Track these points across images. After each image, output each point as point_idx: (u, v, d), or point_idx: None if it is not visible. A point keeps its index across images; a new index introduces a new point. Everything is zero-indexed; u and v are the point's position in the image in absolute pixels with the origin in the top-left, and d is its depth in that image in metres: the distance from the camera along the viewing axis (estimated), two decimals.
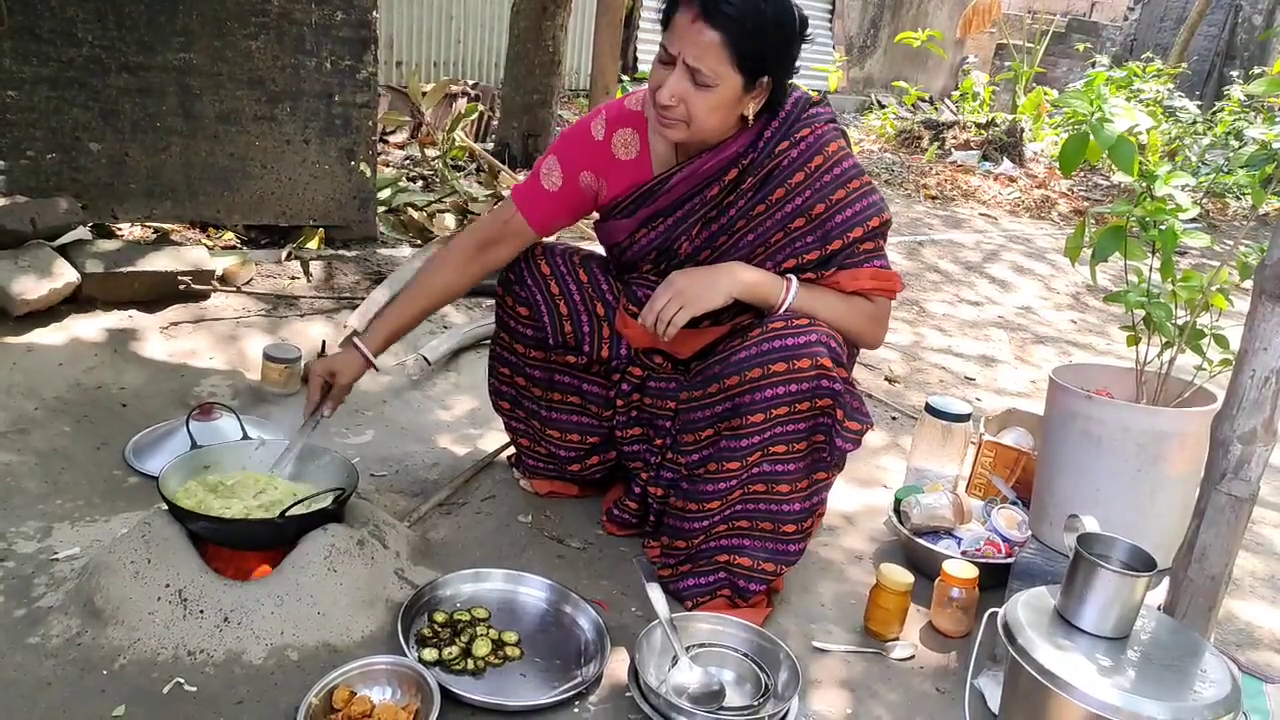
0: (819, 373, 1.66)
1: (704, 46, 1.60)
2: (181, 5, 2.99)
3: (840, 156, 1.79)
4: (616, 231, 1.94)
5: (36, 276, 2.57)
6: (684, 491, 1.81)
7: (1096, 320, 4.56)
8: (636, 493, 1.99)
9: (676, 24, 1.64)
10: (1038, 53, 9.90)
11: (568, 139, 1.92)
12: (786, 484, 1.73)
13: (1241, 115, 8.21)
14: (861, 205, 1.77)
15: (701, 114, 1.68)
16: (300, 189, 3.37)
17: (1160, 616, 1.50)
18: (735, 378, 1.69)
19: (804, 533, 1.79)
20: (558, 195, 1.90)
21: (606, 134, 1.88)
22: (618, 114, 1.88)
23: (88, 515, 1.88)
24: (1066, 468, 1.86)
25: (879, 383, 3.25)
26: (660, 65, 1.68)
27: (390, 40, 7.17)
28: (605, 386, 2.00)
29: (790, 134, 1.78)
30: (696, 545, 1.81)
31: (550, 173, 1.89)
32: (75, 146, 2.98)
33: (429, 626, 1.64)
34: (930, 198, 6.99)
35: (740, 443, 1.71)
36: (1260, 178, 2.25)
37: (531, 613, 1.75)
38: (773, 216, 1.79)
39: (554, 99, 5.28)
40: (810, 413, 1.69)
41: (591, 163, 1.88)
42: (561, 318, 1.94)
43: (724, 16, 1.59)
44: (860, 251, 1.78)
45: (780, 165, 1.77)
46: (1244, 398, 1.43)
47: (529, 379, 2.03)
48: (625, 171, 1.88)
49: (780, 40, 1.66)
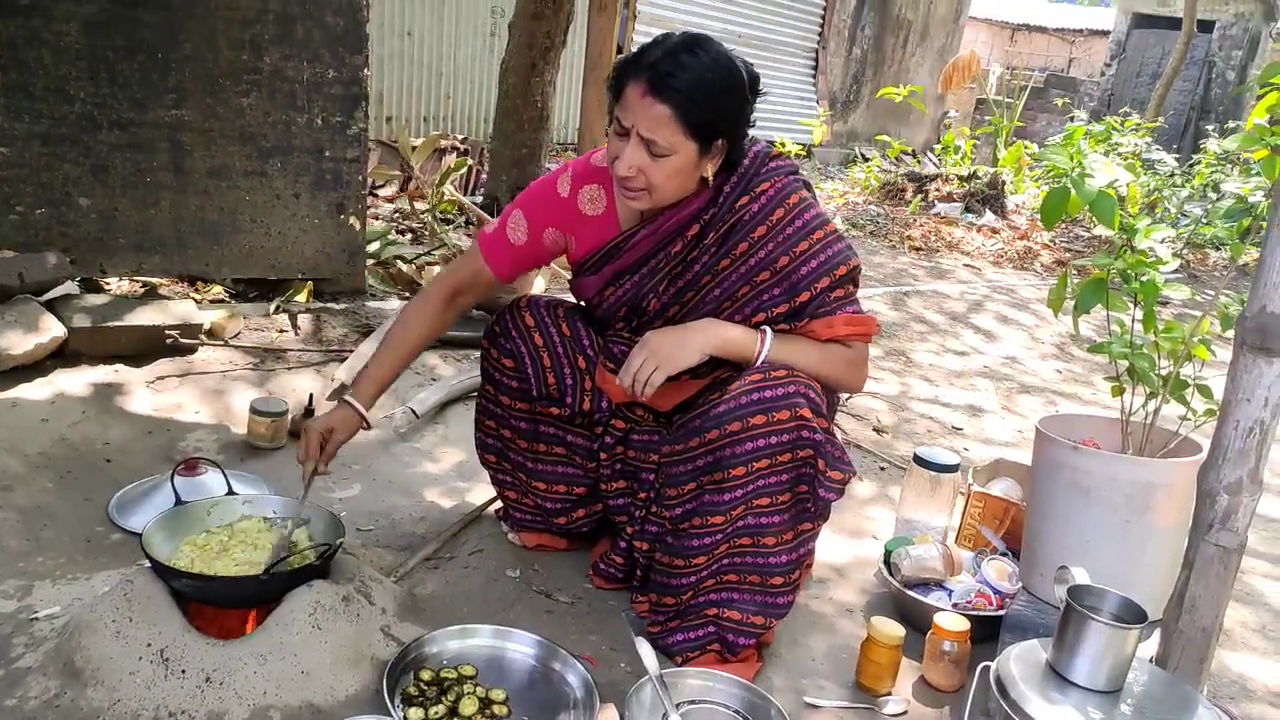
0: (798, 424, 1.67)
1: (656, 119, 1.64)
2: (175, 63, 3.03)
3: (802, 208, 1.80)
4: (586, 288, 1.96)
5: (23, 331, 2.56)
6: (669, 547, 1.80)
7: (1081, 370, 4.59)
8: (623, 547, 1.97)
9: (627, 97, 1.67)
10: (1017, 107, 10.08)
11: (534, 196, 1.95)
12: (772, 536, 1.73)
13: (1219, 168, 8.37)
14: (827, 255, 1.78)
15: (660, 182, 1.71)
16: (290, 242, 3.39)
17: (1152, 669, 1.49)
18: (715, 431, 1.69)
19: (792, 585, 1.78)
20: (522, 249, 1.93)
21: (572, 190, 1.91)
22: (583, 170, 1.91)
23: (69, 573, 1.86)
24: (1055, 519, 1.86)
25: (867, 433, 3.25)
26: (616, 136, 1.71)
27: (381, 95, 7.25)
28: (589, 438, 2.00)
29: (750, 188, 1.80)
30: (685, 601, 1.79)
31: (516, 227, 1.92)
32: (65, 202, 2.99)
33: (415, 685, 1.61)
34: (914, 249, 7.06)
35: (723, 496, 1.71)
36: (1239, 230, 2.29)
37: (520, 669, 1.73)
38: (737, 270, 1.81)
39: (542, 153, 5.34)
40: (792, 464, 1.69)
41: (557, 220, 1.92)
42: (545, 369, 1.95)
43: (672, 90, 1.62)
44: (831, 300, 1.78)
45: (742, 220, 1.80)
46: (1229, 448, 1.44)
47: (515, 430, 2.03)
48: (592, 227, 1.91)
49: (730, 104, 1.69)
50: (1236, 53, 16.09)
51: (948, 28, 14.06)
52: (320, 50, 3.25)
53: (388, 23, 7.23)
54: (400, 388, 2.96)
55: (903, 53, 13.41)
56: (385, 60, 7.26)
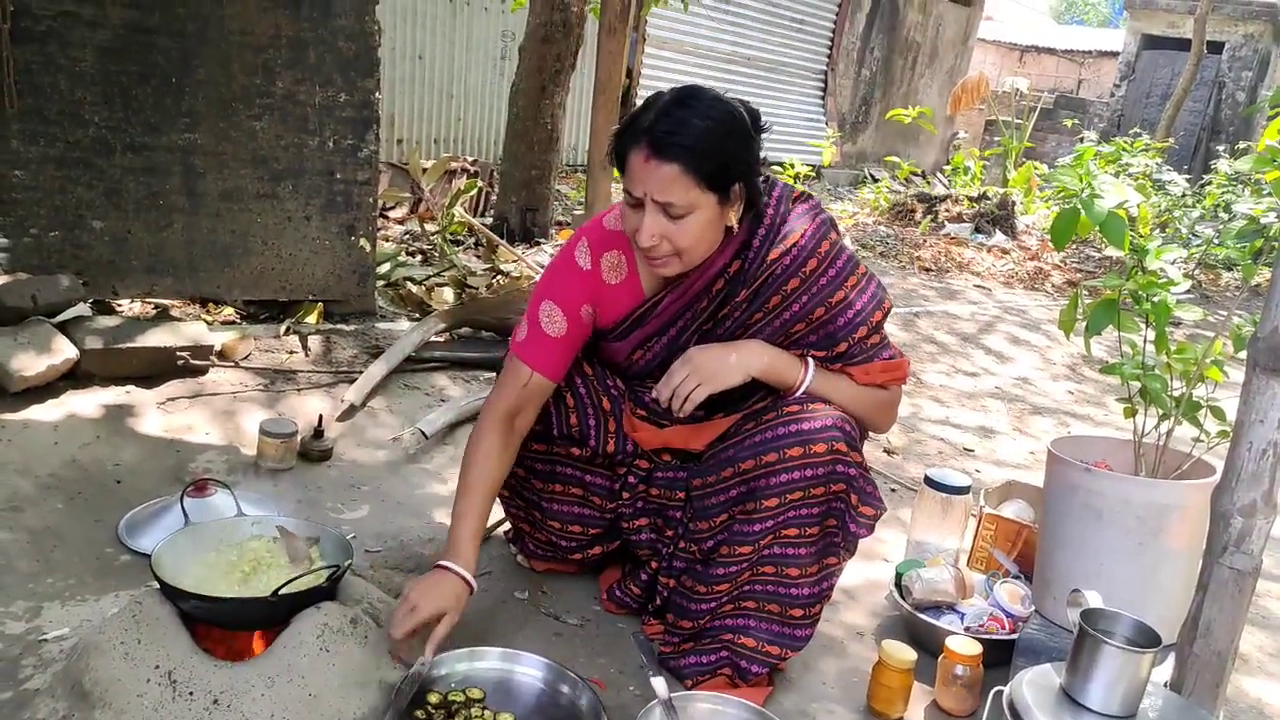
0: (834, 458, 1.65)
1: (665, 180, 1.58)
2: (188, 88, 3.06)
3: (834, 255, 1.75)
4: (616, 353, 1.91)
5: (35, 353, 2.57)
6: (696, 573, 1.79)
7: (1094, 391, 4.57)
8: (644, 579, 1.95)
9: (631, 166, 1.62)
10: (1026, 128, 10.10)
11: (555, 279, 1.83)
12: (796, 568, 1.71)
13: (1230, 189, 8.35)
14: (862, 303, 1.75)
15: (688, 244, 1.65)
16: (300, 264, 3.41)
17: (1167, 694, 1.48)
18: (751, 461, 1.67)
19: (812, 619, 1.76)
20: (566, 339, 1.81)
21: (593, 261, 1.82)
22: (600, 238, 1.83)
23: (78, 594, 1.86)
24: (1068, 541, 1.84)
25: (878, 454, 3.24)
26: (630, 210, 1.66)
27: (391, 118, 7.31)
28: (610, 478, 1.96)
29: (781, 240, 1.74)
30: (702, 625, 1.78)
31: (551, 319, 1.80)
32: (78, 224, 3.02)
33: (423, 708, 1.60)
34: (924, 270, 7.06)
35: (753, 526, 1.69)
36: (1250, 251, 2.28)
37: (528, 692, 1.71)
38: (771, 324, 1.77)
39: (552, 175, 5.37)
40: (825, 497, 1.67)
41: (589, 295, 1.83)
42: (568, 409, 1.91)
43: (675, 146, 1.57)
44: (868, 346, 1.76)
45: (774, 274, 1.73)
46: (1242, 470, 1.43)
47: (529, 470, 1.98)
48: (617, 295, 1.84)
49: (735, 146, 1.63)
50: (1246, 74, 16.10)
51: (956, 49, 14.13)
52: (332, 74, 3.28)
53: (399, 46, 7.30)
54: (408, 408, 2.96)
55: (911, 74, 13.47)
56: (396, 83, 7.32)
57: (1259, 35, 15.97)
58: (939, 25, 13.57)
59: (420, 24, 7.48)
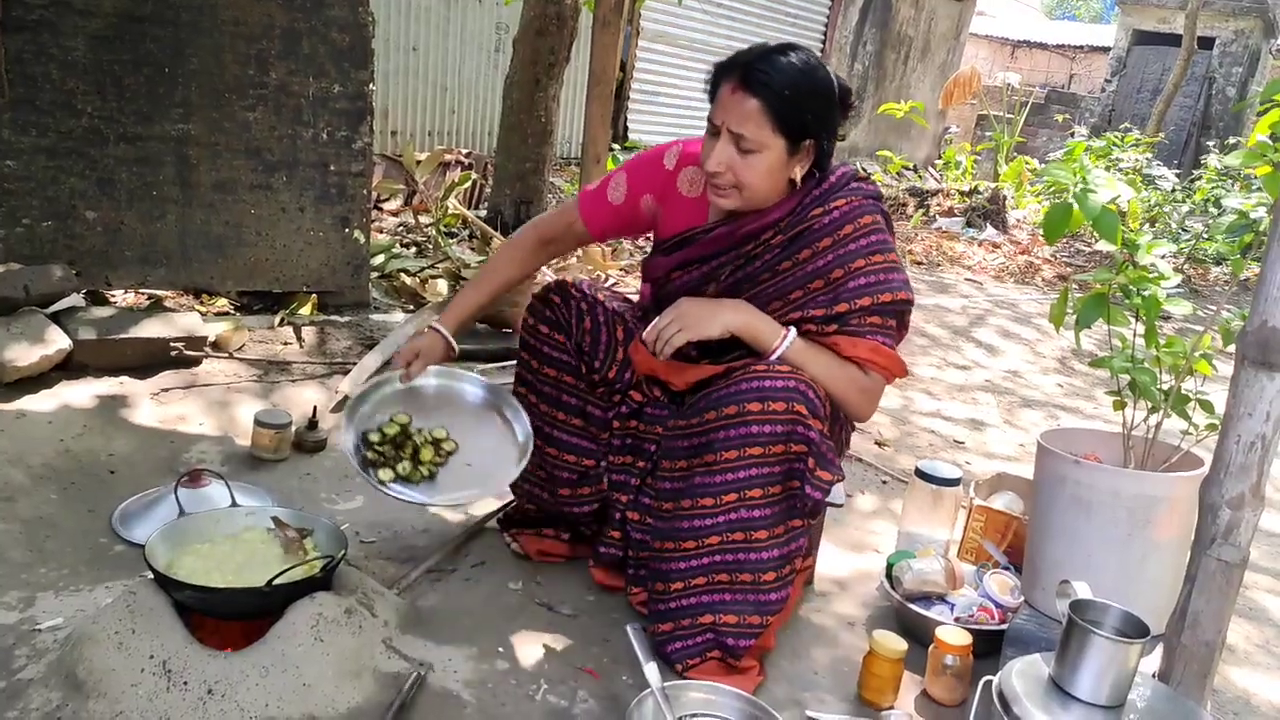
0: (794, 418, 1.69)
1: (745, 113, 1.71)
2: (181, 78, 3.05)
3: (871, 229, 1.84)
4: (657, 267, 2.02)
5: (28, 343, 2.57)
6: (661, 531, 1.84)
7: (1083, 384, 4.59)
8: (617, 519, 2.02)
9: (720, 96, 1.75)
10: (1018, 123, 10.13)
11: (640, 161, 2.03)
12: (764, 529, 1.76)
13: (1220, 184, 8.39)
14: (878, 278, 1.81)
15: (750, 180, 1.76)
16: (294, 255, 3.40)
17: (1155, 684, 1.49)
18: (712, 413, 1.74)
19: (784, 580, 1.80)
20: (619, 209, 2.02)
21: (677, 166, 1.97)
22: (691, 152, 1.96)
23: (72, 584, 1.86)
24: (1057, 533, 1.86)
25: (869, 446, 3.26)
26: (709, 137, 1.79)
27: (386, 110, 7.28)
28: (605, 409, 2.05)
29: (827, 201, 1.84)
30: (676, 592, 1.81)
31: (617, 188, 2.01)
32: (71, 214, 3.01)
33: (371, 450, 1.85)
34: (916, 263, 7.07)
35: (714, 479, 1.75)
36: (1240, 246, 2.30)
37: (458, 405, 2.07)
38: (794, 275, 1.85)
39: (546, 167, 5.36)
40: (785, 456, 1.72)
41: (658, 188, 1.98)
42: (586, 329, 2.01)
43: (761, 85, 1.70)
44: (866, 323, 1.81)
45: (811, 229, 1.84)
46: (1230, 463, 1.44)
47: (539, 395, 2.08)
48: (683, 208, 1.97)
49: (818, 105, 1.75)
50: (1237, 69, 16.14)
51: (948, 44, 14.12)
52: (326, 65, 3.27)
53: (393, 38, 7.27)
54: None
55: (904, 68, 13.47)
56: (390, 75, 7.29)
57: (1249, 31, 16.01)
58: (931, 20, 13.56)
59: (414, 16, 7.45)
